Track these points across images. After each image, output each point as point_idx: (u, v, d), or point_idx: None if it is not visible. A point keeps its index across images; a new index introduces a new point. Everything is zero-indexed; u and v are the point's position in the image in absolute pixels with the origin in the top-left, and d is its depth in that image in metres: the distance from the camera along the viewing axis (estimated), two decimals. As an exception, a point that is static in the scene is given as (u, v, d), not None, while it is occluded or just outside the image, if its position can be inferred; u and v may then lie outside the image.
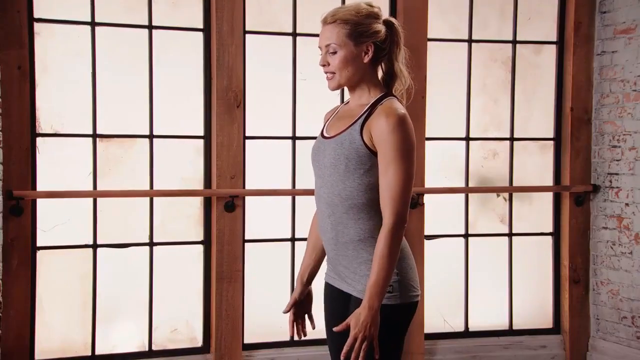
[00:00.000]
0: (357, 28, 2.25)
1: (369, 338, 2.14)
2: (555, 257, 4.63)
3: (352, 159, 2.25)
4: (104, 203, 3.97)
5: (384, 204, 2.20)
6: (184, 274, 4.13)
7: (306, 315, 2.56)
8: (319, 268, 2.52)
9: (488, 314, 4.56)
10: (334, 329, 2.22)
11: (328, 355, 4.18)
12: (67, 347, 3.92)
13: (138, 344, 4.05)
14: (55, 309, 3.90)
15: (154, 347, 4.05)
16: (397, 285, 2.26)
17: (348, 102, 2.41)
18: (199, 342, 4.13)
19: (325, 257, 2.47)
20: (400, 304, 2.26)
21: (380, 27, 2.29)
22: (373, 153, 2.24)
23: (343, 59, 2.26)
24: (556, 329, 4.62)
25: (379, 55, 2.29)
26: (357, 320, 2.15)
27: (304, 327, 2.52)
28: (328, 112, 2.50)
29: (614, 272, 4.45)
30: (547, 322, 4.63)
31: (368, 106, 2.28)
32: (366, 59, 2.27)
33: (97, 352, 3.95)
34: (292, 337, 2.53)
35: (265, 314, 4.19)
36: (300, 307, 2.53)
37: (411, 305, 2.30)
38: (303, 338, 2.56)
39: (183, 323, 4.14)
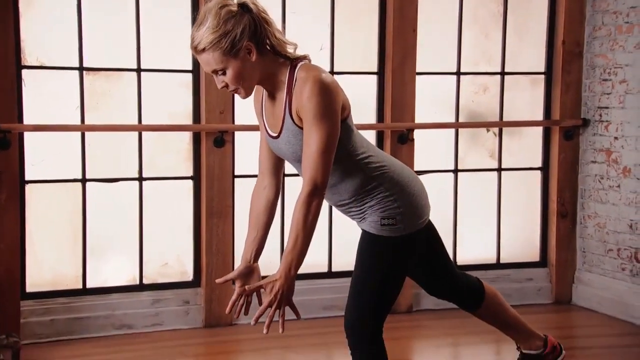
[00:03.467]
0: (226, 42, 2.11)
1: (284, 304, 2.15)
2: (543, 191, 4.66)
3: None
4: (92, 137, 3.95)
5: (304, 170, 2.16)
6: (174, 209, 4.14)
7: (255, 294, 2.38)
8: (263, 246, 2.43)
9: (476, 248, 4.61)
10: (246, 287, 2.22)
11: (312, 290, 4.26)
12: (58, 280, 3.95)
13: (129, 278, 4.08)
14: (46, 242, 3.91)
15: (144, 281, 4.09)
16: (400, 217, 2.28)
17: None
18: (189, 277, 4.17)
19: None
20: (405, 235, 2.29)
21: (243, 21, 2.13)
22: None
23: (235, 74, 2.16)
24: (543, 262, 4.68)
25: (259, 41, 2.17)
26: (272, 287, 2.14)
27: (247, 306, 2.36)
28: (255, 101, 2.37)
29: (601, 205, 4.49)
30: (534, 256, 4.70)
31: (286, 91, 2.20)
32: (254, 57, 2.16)
33: (88, 285, 3.98)
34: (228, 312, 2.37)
35: (255, 248, 4.20)
36: (245, 285, 2.38)
37: (418, 231, 2.33)
38: (242, 316, 2.42)
39: (174, 257, 4.17)
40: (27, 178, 3.84)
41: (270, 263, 3.23)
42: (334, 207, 2.44)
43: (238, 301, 2.33)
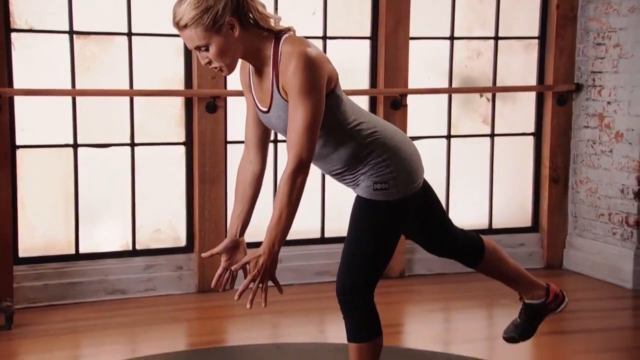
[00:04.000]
0: (208, 18, 2.09)
1: (266, 279, 2.16)
2: (536, 157, 4.67)
3: None
4: (83, 102, 3.92)
5: (289, 145, 2.15)
6: (166, 174, 4.14)
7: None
8: (249, 220, 2.41)
9: (468, 214, 4.62)
10: (232, 267, 2.22)
11: (305, 255, 4.29)
12: (51, 245, 3.95)
13: (122, 243, 4.08)
14: (38, 207, 3.91)
15: (137, 247, 4.09)
16: (393, 181, 2.27)
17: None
18: (182, 242, 4.18)
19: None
20: (398, 199, 2.29)
21: None
22: None
23: (218, 50, 2.13)
24: (534, 227, 4.71)
25: (242, 16, 2.14)
26: (255, 262, 2.14)
27: (232, 280, 2.36)
28: (242, 76, 2.34)
29: (593, 170, 4.51)
30: (526, 221, 4.72)
31: (272, 65, 2.18)
32: (237, 33, 2.13)
33: (81, 250, 3.99)
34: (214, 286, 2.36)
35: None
36: (231, 259, 2.38)
37: (412, 195, 2.32)
38: (226, 289, 2.39)
39: (166, 223, 4.17)
40: (17, 143, 3.82)
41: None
42: (327, 175, 2.43)
43: (223, 275, 2.33)
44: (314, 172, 2.44)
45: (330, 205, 4.34)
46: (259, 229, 2.65)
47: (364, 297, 2.30)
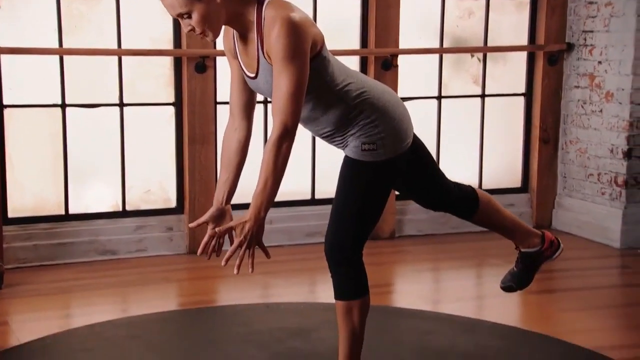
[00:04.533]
0: None
1: (253, 245, 2.16)
2: (526, 117, 4.67)
3: None
4: (71, 61, 3.88)
5: (274, 112, 2.13)
6: (156, 135, 4.12)
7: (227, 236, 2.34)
8: (235, 188, 2.38)
9: (459, 174, 4.58)
10: (217, 229, 2.21)
11: (295, 217, 4.29)
12: (40, 205, 3.94)
13: (112, 204, 4.08)
14: (27, 167, 3.89)
15: (127, 208, 4.09)
16: (381, 142, 2.26)
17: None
18: (172, 203, 4.17)
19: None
20: (386, 159, 2.28)
21: None
22: None
23: (200, 18, 2.09)
24: (524, 187, 4.73)
25: None
26: (241, 228, 2.13)
27: (219, 248, 2.32)
28: (226, 41, 2.30)
29: (583, 130, 4.51)
30: (516, 182, 4.74)
31: (256, 31, 2.15)
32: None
33: (71, 211, 3.98)
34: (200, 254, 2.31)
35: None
36: (217, 227, 2.32)
37: (400, 155, 2.32)
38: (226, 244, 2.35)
39: (156, 184, 4.17)
40: (5, 102, 3.78)
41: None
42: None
43: (209, 243, 2.30)
44: (304, 133, 2.43)
45: (321, 166, 4.34)
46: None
47: (352, 255, 2.31)
